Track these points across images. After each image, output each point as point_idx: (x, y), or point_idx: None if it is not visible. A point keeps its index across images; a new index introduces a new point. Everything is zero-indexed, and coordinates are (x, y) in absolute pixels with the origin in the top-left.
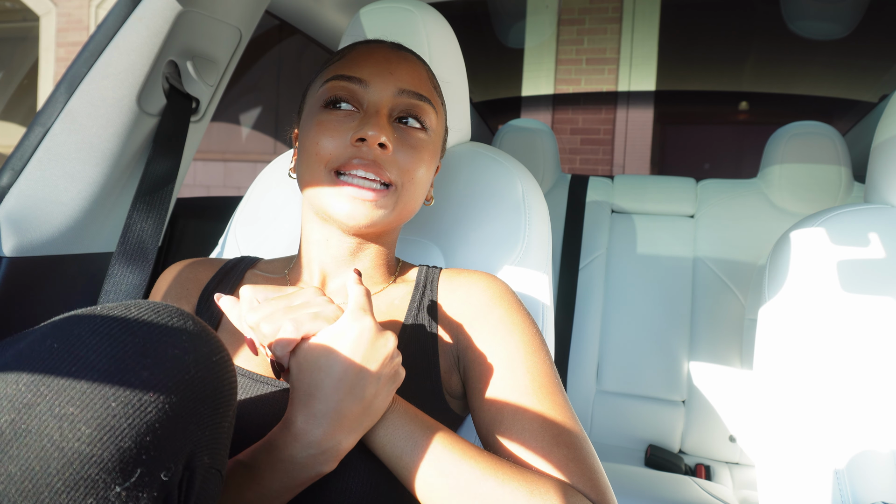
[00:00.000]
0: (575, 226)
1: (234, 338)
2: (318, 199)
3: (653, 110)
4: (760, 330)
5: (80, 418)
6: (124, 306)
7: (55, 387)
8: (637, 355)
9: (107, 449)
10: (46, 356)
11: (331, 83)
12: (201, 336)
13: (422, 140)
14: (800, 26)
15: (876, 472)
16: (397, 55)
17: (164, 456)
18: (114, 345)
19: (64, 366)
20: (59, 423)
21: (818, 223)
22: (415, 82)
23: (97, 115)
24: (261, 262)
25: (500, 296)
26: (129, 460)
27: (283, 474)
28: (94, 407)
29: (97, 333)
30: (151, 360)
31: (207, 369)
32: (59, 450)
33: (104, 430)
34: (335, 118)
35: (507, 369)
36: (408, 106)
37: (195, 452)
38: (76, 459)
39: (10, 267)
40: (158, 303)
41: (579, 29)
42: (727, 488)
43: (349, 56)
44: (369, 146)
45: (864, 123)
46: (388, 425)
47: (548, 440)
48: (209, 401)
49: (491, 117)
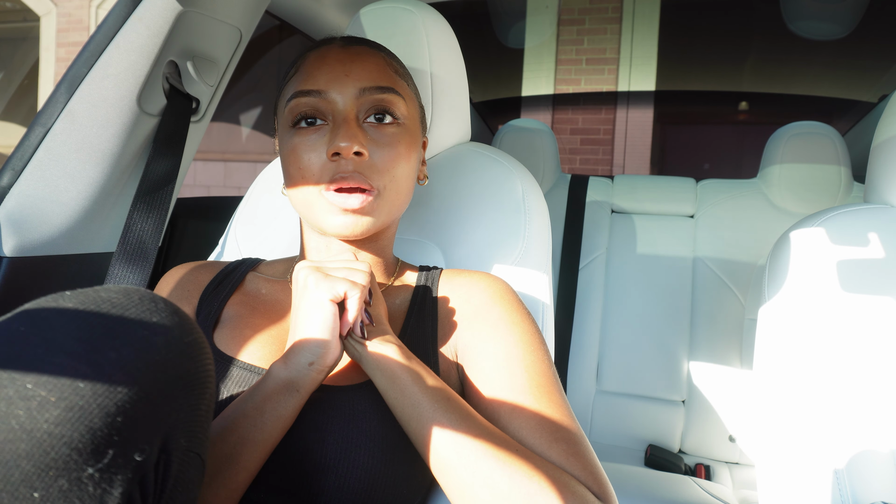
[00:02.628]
0: (575, 226)
1: (236, 332)
2: (310, 216)
3: (653, 110)
4: (760, 330)
5: (48, 399)
6: (94, 290)
7: (22, 368)
8: (637, 355)
9: (76, 429)
10: (14, 338)
11: (292, 102)
12: (172, 318)
13: (395, 134)
14: (800, 26)
15: (876, 472)
16: (350, 53)
17: (137, 437)
18: (81, 326)
19: (30, 348)
20: (27, 405)
21: (818, 223)
22: (373, 76)
23: (97, 115)
24: (262, 263)
25: (500, 294)
26: (101, 441)
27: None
28: (61, 388)
29: (64, 315)
30: (120, 341)
31: (179, 351)
32: (27, 431)
33: (73, 410)
34: (306, 139)
35: (506, 367)
36: (373, 102)
37: (171, 434)
38: (45, 440)
39: (10, 267)
40: (129, 287)
41: (579, 29)
42: (727, 488)
43: (303, 69)
44: (345, 157)
45: (864, 123)
46: (398, 390)
47: (546, 437)
48: (182, 382)
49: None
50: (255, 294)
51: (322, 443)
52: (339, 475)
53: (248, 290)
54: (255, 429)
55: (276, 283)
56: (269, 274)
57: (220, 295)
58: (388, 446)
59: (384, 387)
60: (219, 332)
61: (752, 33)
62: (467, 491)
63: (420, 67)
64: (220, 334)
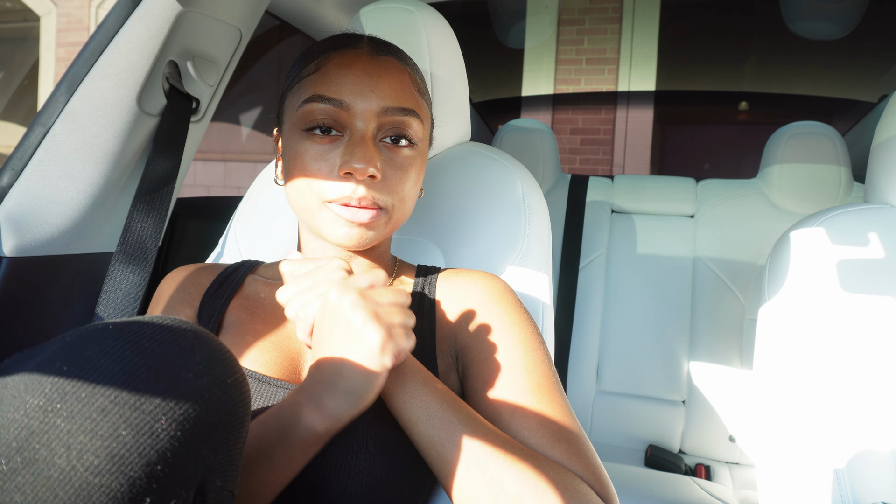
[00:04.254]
0: (575, 226)
1: (238, 339)
2: (311, 222)
3: (653, 110)
4: (760, 330)
5: (88, 447)
6: (137, 324)
7: (64, 413)
8: (637, 355)
9: (115, 479)
10: (55, 380)
11: (309, 105)
12: (216, 357)
13: (409, 157)
14: (800, 26)
15: (876, 472)
16: (378, 65)
17: (175, 484)
18: (125, 368)
19: (73, 391)
20: (68, 453)
21: (818, 223)
22: (398, 96)
23: (97, 115)
24: (261, 266)
25: (499, 294)
26: (139, 490)
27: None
28: (103, 435)
29: (108, 356)
30: (164, 385)
31: (222, 391)
32: (68, 480)
33: (113, 459)
34: (319, 148)
35: (506, 368)
36: (393, 124)
37: (207, 477)
38: (84, 489)
39: (10, 267)
40: (172, 320)
41: (579, 29)
42: (727, 488)
43: (325, 70)
44: (357, 178)
45: (864, 123)
46: (407, 392)
47: (548, 437)
48: (223, 424)
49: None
50: (255, 298)
51: (323, 448)
52: (340, 480)
53: (247, 294)
54: (281, 473)
55: (275, 286)
56: (268, 276)
57: (220, 299)
58: (390, 450)
59: (392, 390)
60: (220, 339)
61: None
62: (476, 492)
63: (420, 67)
64: (221, 341)
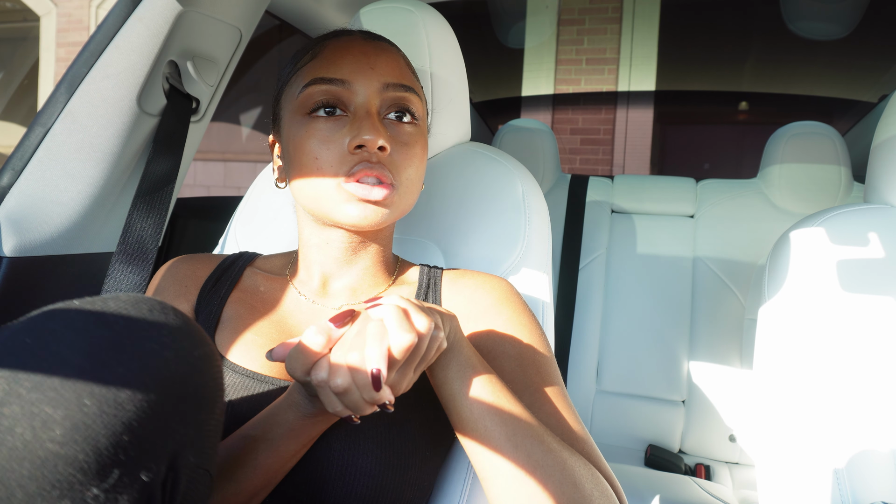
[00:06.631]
0: (575, 226)
1: (237, 335)
2: (323, 207)
3: (653, 110)
4: (760, 330)
5: (52, 417)
6: (102, 300)
7: (28, 384)
8: (637, 355)
9: (81, 449)
10: (19, 352)
11: (311, 89)
12: (182, 329)
13: (413, 134)
14: (800, 26)
15: (876, 472)
16: (374, 47)
17: (145, 456)
18: (88, 340)
19: (36, 362)
20: (32, 423)
21: (818, 223)
22: (397, 73)
23: (97, 115)
24: (259, 258)
25: (506, 297)
26: (106, 461)
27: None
28: (67, 406)
29: (71, 328)
30: (128, 356)
31: (189, 365)
32: (32, 451)
33: (78, 429)
34: (325, 126)
35: (520, 369)
36: (395, 99)
37: (179, 452)
38: (49, 460)
39: (10, 267)
40: (138, 295)
41: (579, 29)
42: (727, 488)
43: (323, 55)
44: (369, 150)
45: (864, 123)
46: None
47: (563, 437)
48: (192, 398)
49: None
50: (254, 291)
51: (329, 450)
52: (346, 482)
53: (246, 287)
54: (284, 461)
55: (275, 280)
56: (267, 269)
57: (219, 293)
58: (395, 452)
59: (436, 371)
60: (219, 335)
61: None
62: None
63: (420, 67)
64: (220, 337)
